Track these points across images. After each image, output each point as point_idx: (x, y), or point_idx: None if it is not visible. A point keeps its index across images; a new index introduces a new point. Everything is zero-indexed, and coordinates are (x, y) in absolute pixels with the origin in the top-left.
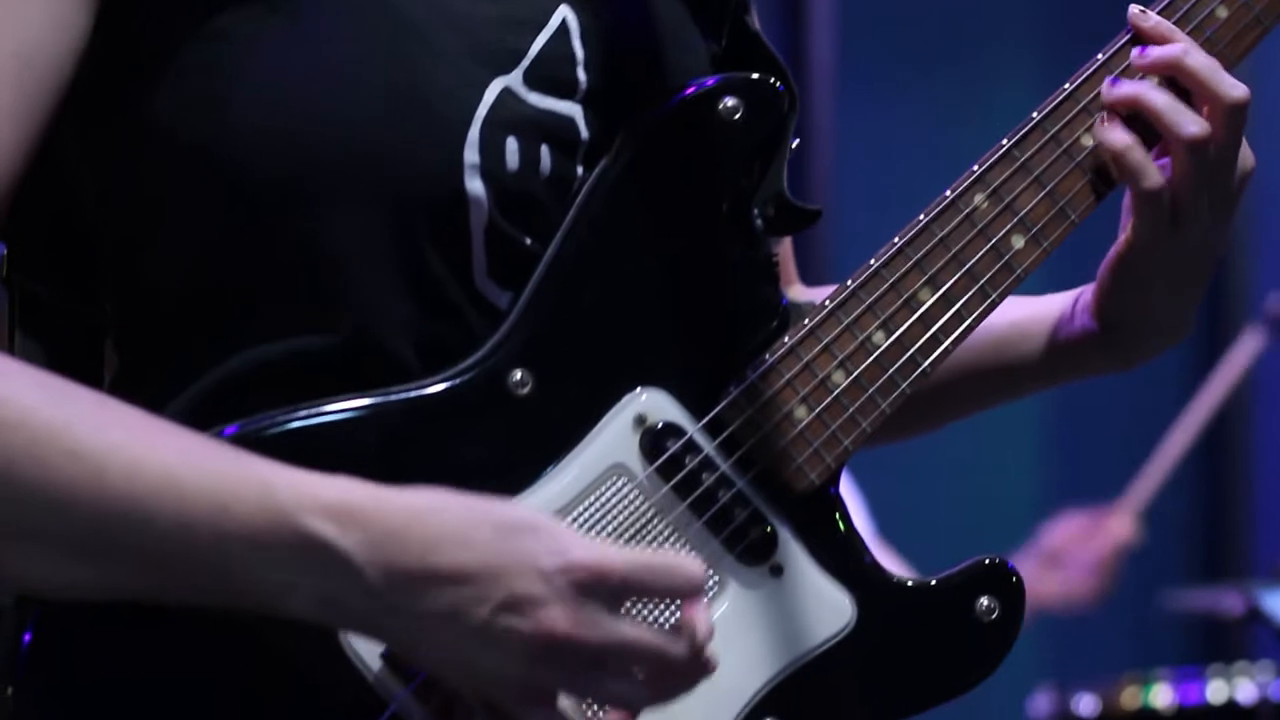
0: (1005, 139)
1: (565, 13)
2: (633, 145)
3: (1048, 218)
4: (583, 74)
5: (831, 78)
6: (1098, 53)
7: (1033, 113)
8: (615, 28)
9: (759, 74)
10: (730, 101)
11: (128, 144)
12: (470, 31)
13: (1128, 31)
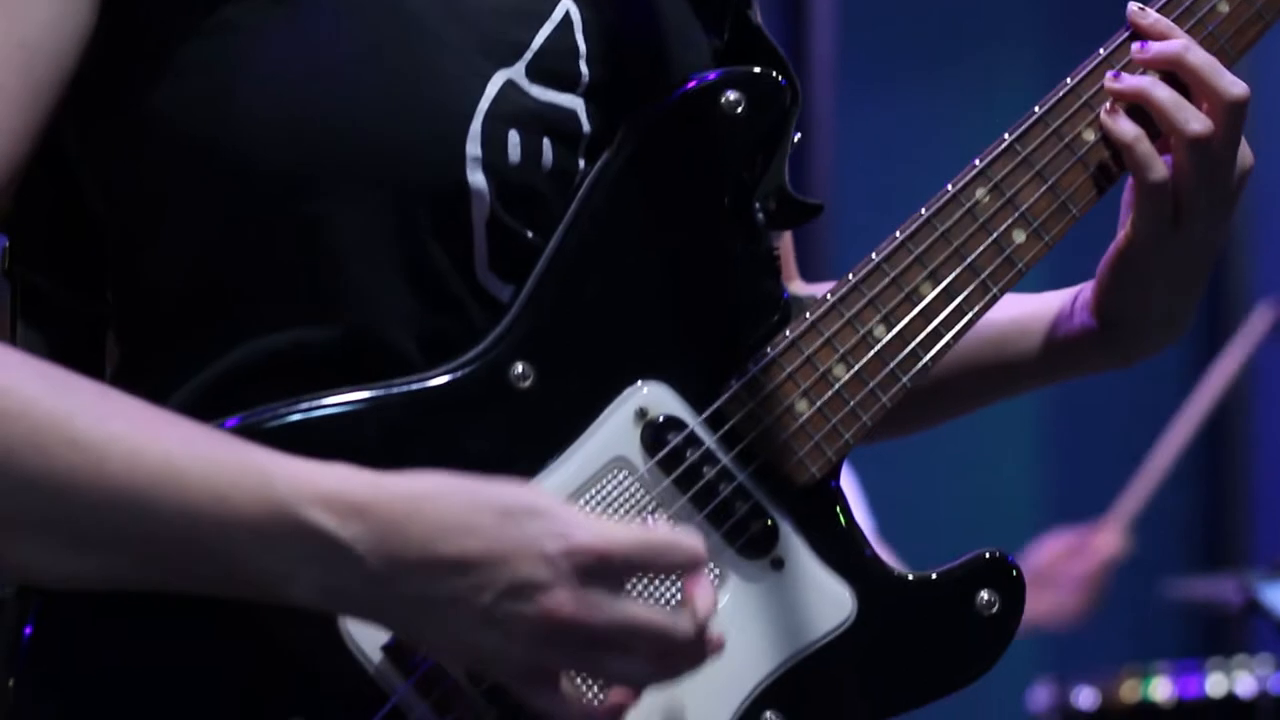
0: (1007, 133)
1: (568, 6)
2: (635, 139)
3: (1049, 212)
4: (585, 67)
5: (832, 73)
6: (1099, 48)
7: (1035, 107)
8: (618, 22)
9: (761, 68)
10: (732, 95)
11: (130, 137)
12: (473, 24)
13: (1128, 28)
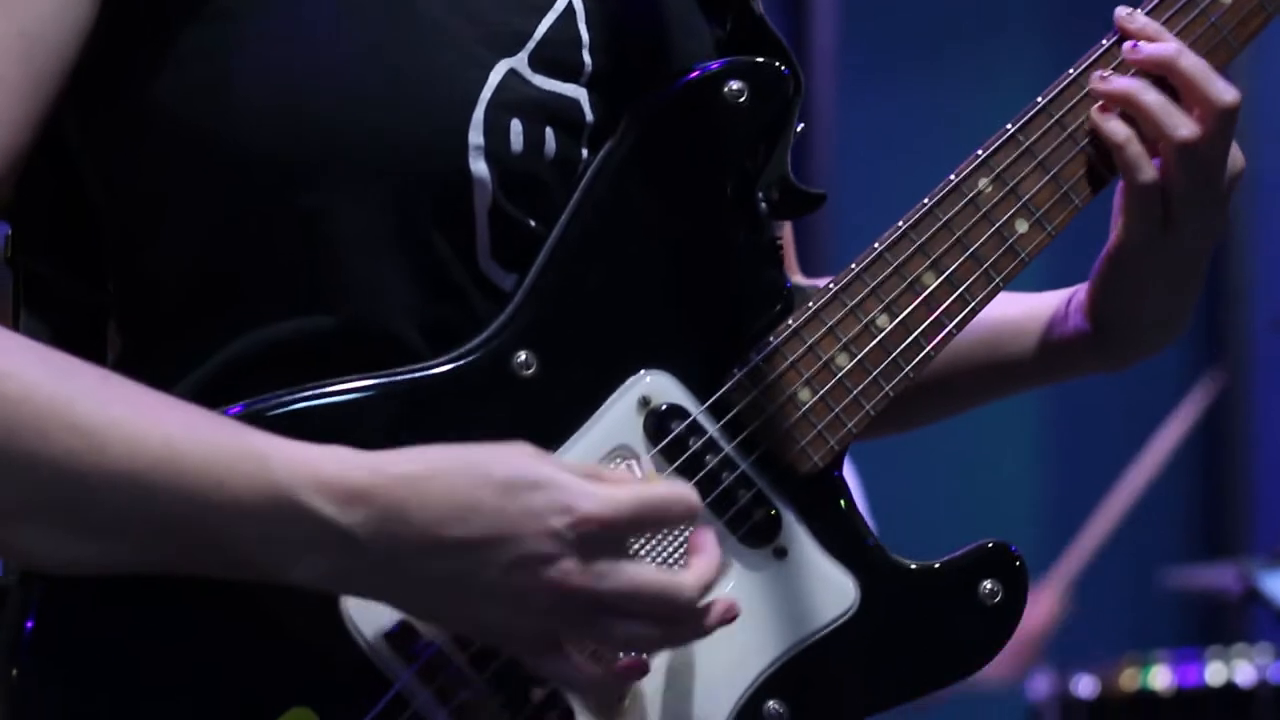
0: (1010, 123)
1: None
2: (637, 128)
3: (1052, 202)
4: (588, 57)
5: (833, 64)
6: (1102, 38)
7: (1038, 97)
8: (620, 11)
9: (764, 57)
10: (735, 85)
11: (131, 127)
12: (475, 13)
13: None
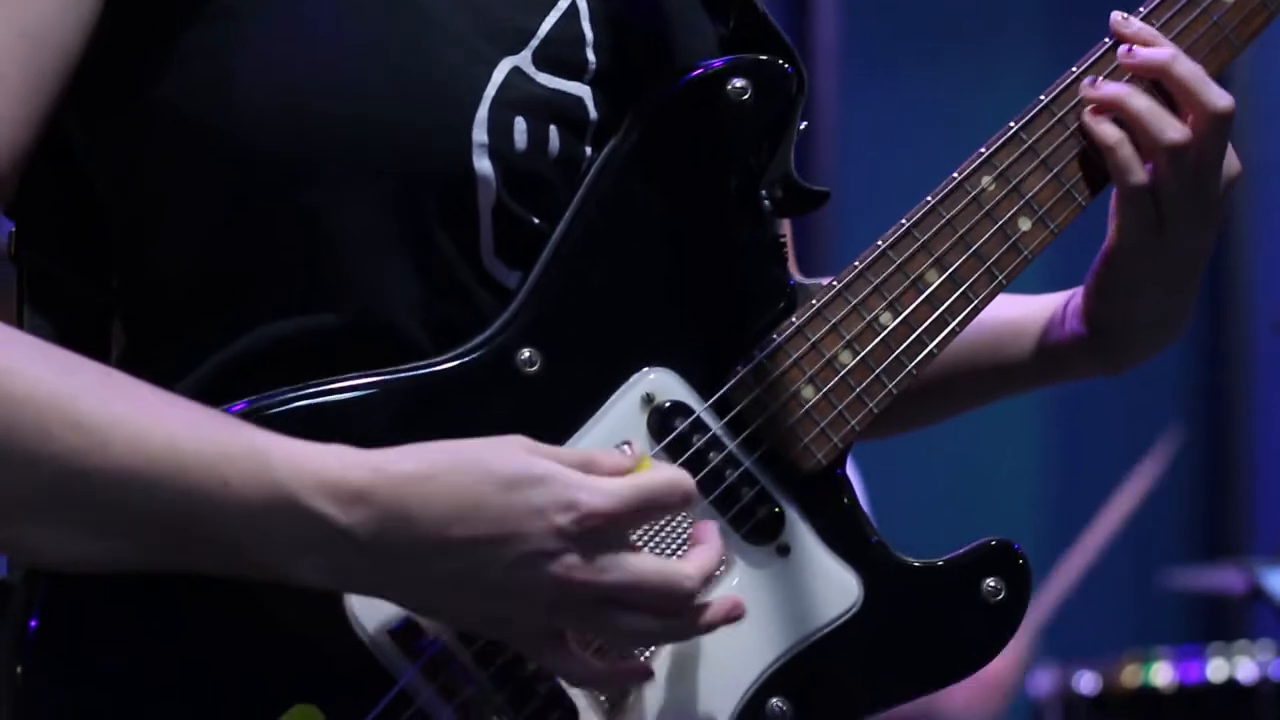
0: (1013, 121)
1: None
2: (641, 126)
3: (1054, 200)
4: (592, 55)
5: (836, 61)
6: (1104, 37)
7: (1040, 95)
8: (624, 9)
9: (767, 55)
10: (738, 83)
11: (135, 125)
12: (480, 11)
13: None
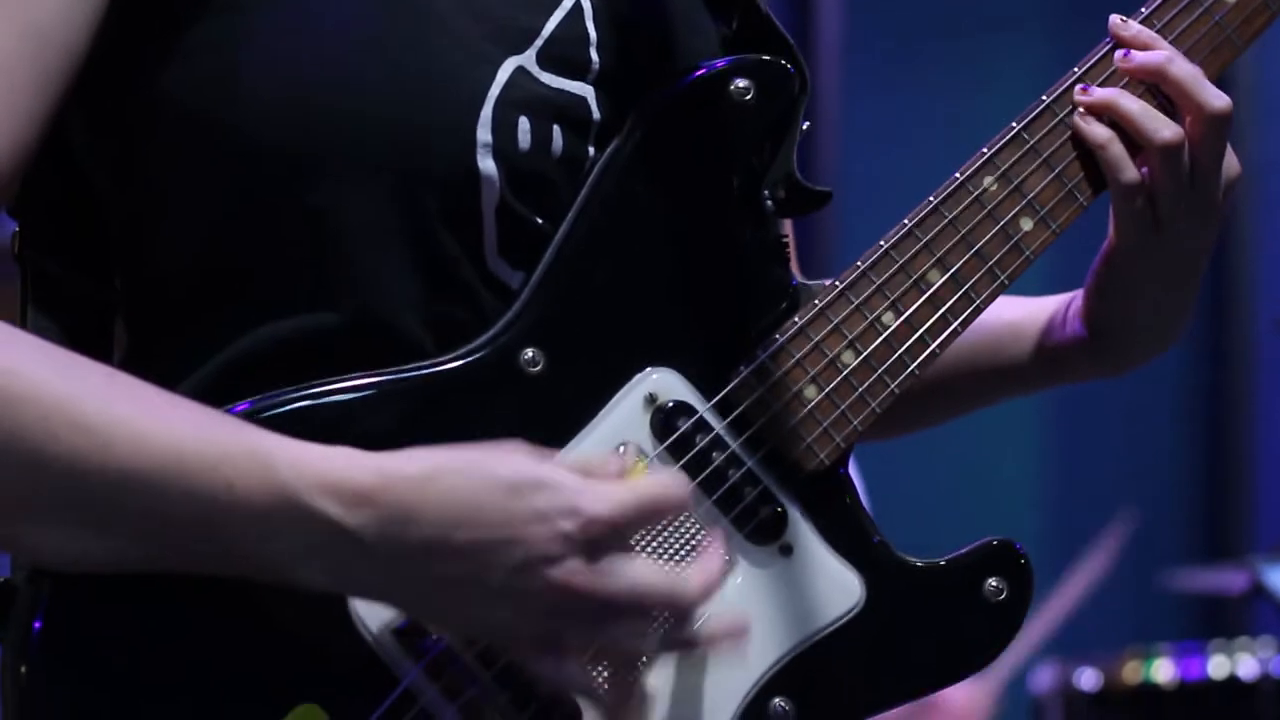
0: (1015, 122)
1: None
2: (644, 126)
3: (1056, 200)
4: (595, 55)
5: (838, 61)
6: (1105, 37)
7: (1042, 95)
8: (628, 9)
9: (770, 56)
10: (741, 83)
11: (137, 120)
12: (484, 10)
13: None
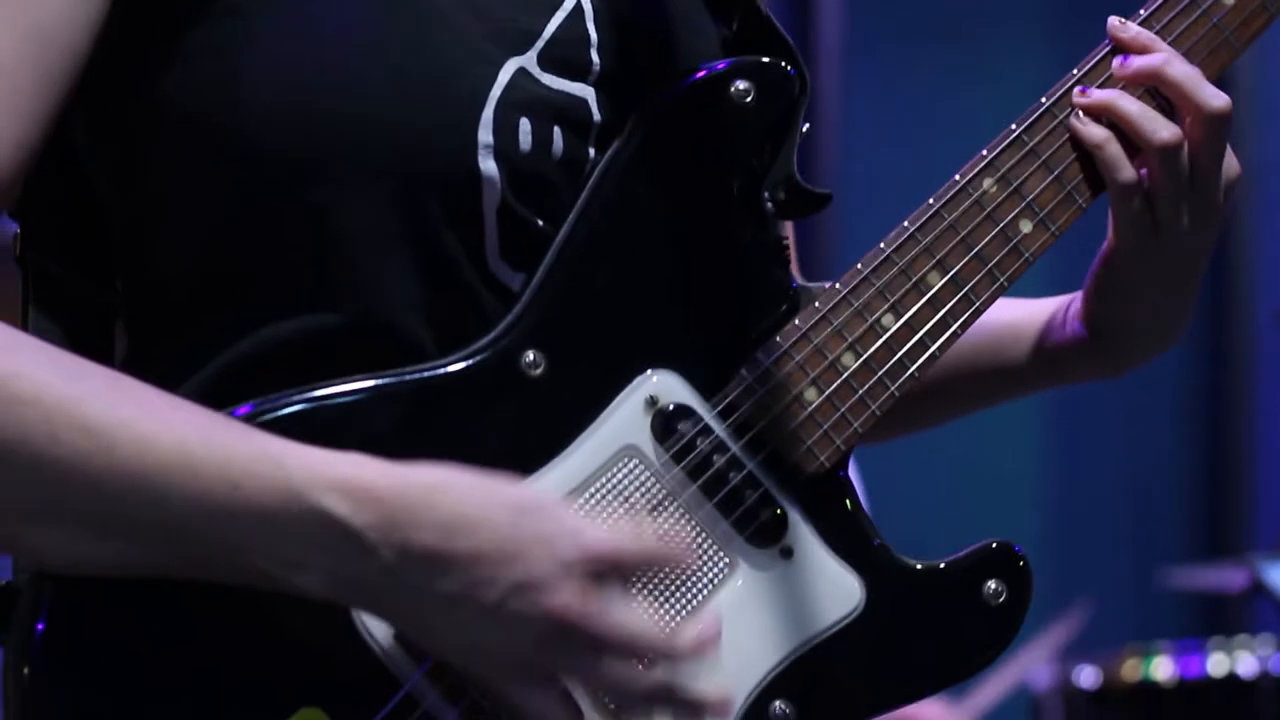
0: (1015, 124)
1: None
2: (644, 127)
3: (1056, 202)
4: (596, 56)
5: (838, 59)
6: (1105, 39)
7: (1041, 98)
8: (628, 11)
9: (770, 58)
10: (741, 85)
11: (139, 123)
12: (485, 11)
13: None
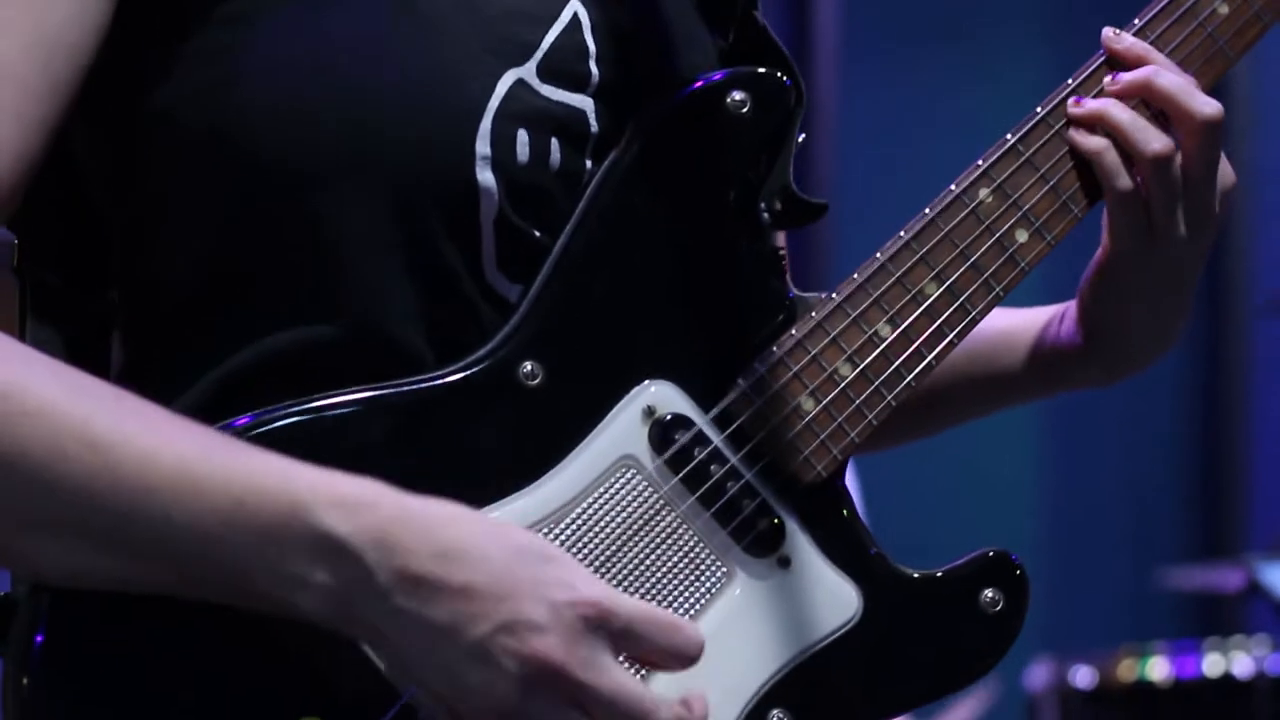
0: (1010, 134)
1: (575, 7)
2: (641, 138)
3: (1051, 212)
4: (595, 67)
5: (835, 62)
6: (1100, 49)
7: (1037, 108)
8: (625, 22)
9: (766, 68)
10: (738, 95)
11: (138, 129)
12: (483, 24)
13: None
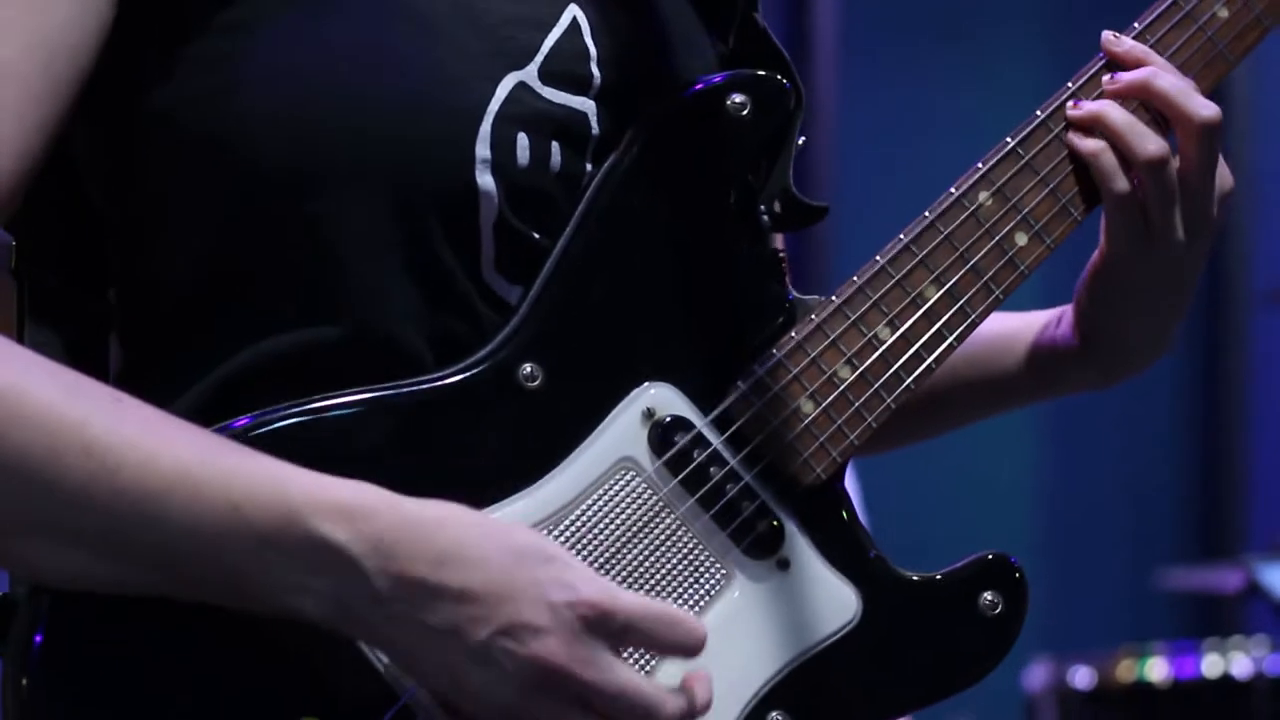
0: (1010, 137)
1: (574, 11)
2: (641, 141)
3: (1050, 215)
4: (596, 70)
5: (834, 62)
6: (1099, 54)
7: (1036, 110)
8: (624, 25)
9: (765, 71)
10: (737, 98)
11: (137, 133)
12: (484, 27)
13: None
